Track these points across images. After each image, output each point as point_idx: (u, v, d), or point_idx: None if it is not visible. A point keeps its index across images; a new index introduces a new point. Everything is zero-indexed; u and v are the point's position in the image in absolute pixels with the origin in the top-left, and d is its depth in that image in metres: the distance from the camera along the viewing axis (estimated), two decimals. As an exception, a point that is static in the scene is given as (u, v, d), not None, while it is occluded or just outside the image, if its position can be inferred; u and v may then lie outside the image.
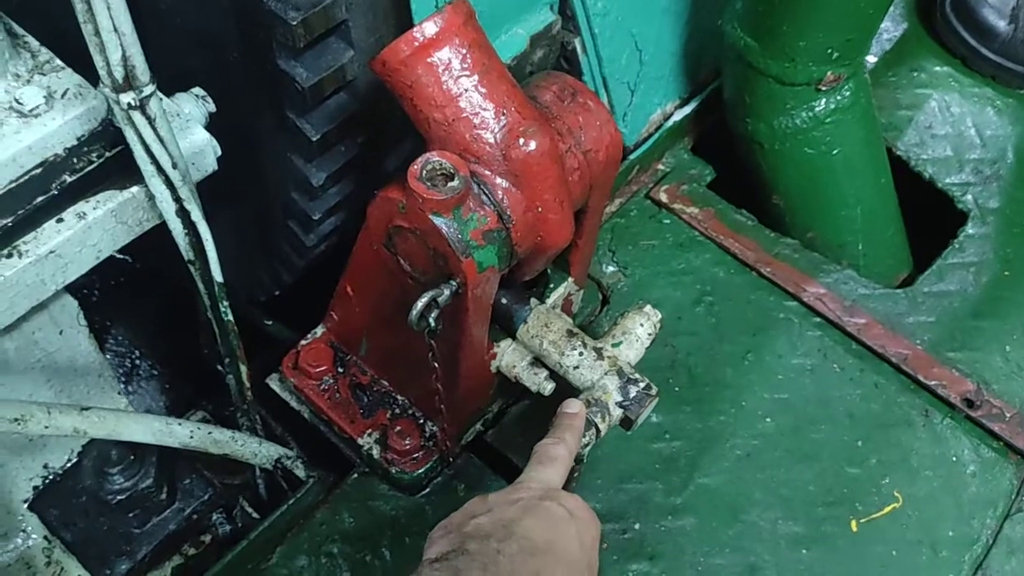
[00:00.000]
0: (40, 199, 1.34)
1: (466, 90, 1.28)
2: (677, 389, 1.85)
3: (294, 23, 1.43)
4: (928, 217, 2.28)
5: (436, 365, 1.47)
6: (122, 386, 2.09)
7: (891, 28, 2.61)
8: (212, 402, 2.20)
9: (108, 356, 2.32)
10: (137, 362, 2.50)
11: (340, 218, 1.87)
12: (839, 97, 1.96)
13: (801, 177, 2.07)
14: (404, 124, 1.52)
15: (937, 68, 2.54)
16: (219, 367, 1.76)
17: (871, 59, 2.51)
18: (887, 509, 1.74)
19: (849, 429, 1.82)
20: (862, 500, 1.74)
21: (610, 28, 1.95)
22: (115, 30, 1.13)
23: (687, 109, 2.25)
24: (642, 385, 1.46)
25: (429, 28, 1.27)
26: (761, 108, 1.99)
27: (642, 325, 1.55)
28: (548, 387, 1.57)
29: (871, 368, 1.90)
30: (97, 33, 1.13)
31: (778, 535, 1.69)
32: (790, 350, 1.93)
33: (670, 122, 2.22)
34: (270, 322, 2.08)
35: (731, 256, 2.06)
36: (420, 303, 1.30)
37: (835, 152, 2.02)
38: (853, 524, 1.72)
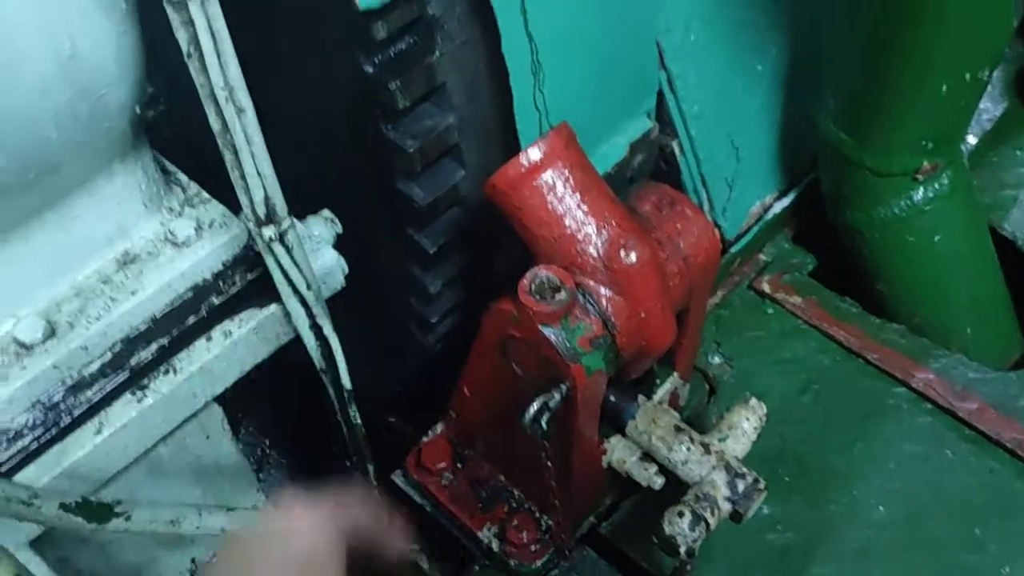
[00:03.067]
0: (192, 320, 1.49)
1: (570, 208, 1.39)
2: (787, 479, 1.88)
3: (411, 151, 1.57)
4: (1039, 296, 2.27)
5: (549, 464, 1.55)
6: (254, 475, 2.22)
7: (991, 108, 2.62)
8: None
9: (240, 446, 2.47)
10: (267, 451, 2.65)
11: (455, 320, 2.00)
12: (937, 185, 1.99)
13: (904, 265, 2.10)
14: (510, 232, 1.63)
15: (1041, 146, 2.54)
16: (347, 463, 1.88)
17: (971, 139, 2.52)
18: (1009, 597, 1.72)
19: (965, 517, 1.81)
20: (983, 589, 1.73)
21: (706, 129, 2.04)
22: (258, 174, 1.28)
23: (786, 200, 2.31)
24: (750, 479, 1.51)
25: (534, 154, 1.38)
26: (859, 199, 2.03)
27: (748, 419, 1.60)
28: (658, 481, 1.63)
29: (985, 454, 1.89)
30: (243, 177, 1.29)
31: (898, 626, 1.69)
32: (901, 437, 1.93)
33: (769, 214, 2.28)
34: (393, 419, 2.20)
35: (836, 343, 2.09)
36: (532, 408, 1.39)
37: (937, 239, 2.04)
38: (975, 614, 1.70)
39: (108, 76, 1.19)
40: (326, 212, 1.63)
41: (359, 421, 1.69)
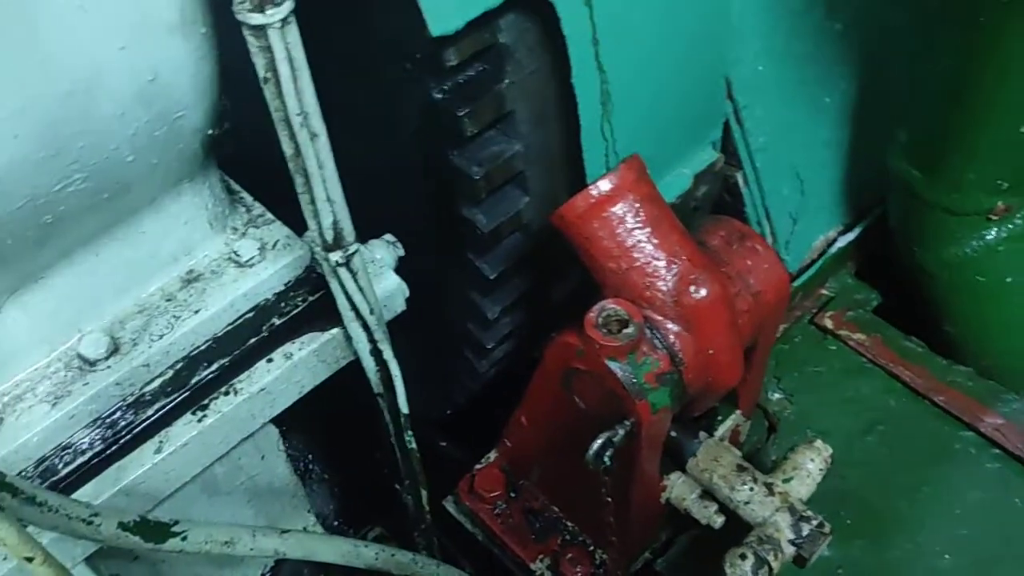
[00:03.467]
0: (253, 341, 1.48)
1: (639, 241, 1.37)
2: (849, 522, 1.83)
3: (477, 177, 1.56)
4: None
5: (609, 499, 1.53)
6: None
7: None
8: (386, 518, 2.30)
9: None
10: (310, 466, 2.65)
11: (511, 346, 1.98)
12: (1011, 225, 1.94)
13: (973, 305, 2.05)
14: (570, 260, 1.61)
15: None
16: (397, 487, 1.86)
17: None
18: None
19: (1034, 568, 1.75)
20: (1051, 643, 1.66)
21: (772, 162, 2.01)
22: (328, 199, 1.28)
23: (851, 235, 2.27)
24: (815, 523, 1.47)
25: (604, 185, 1.37)
26: (929, 237, 1.99)
27: (813, 460, 1.56)
28: (718, 520, 1.59)
29: (1056, 504, 1.83)
30: (313, 202, 1.28)
31: None
32: (968, 483, 1.88)
33: (833, 248, 2.24)
34: (444, 443, 2.19)
35: (902, 384, 2.04)
36: (596, 444, 1.37)
37: (1009, 280, 1.99)
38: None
39: (185, 100, 1.19)
40: (389, 236, 1.62)
41: (414, 446, 1.67)
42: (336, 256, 1.34)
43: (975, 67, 1.70)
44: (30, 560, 1.09)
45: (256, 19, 1.06)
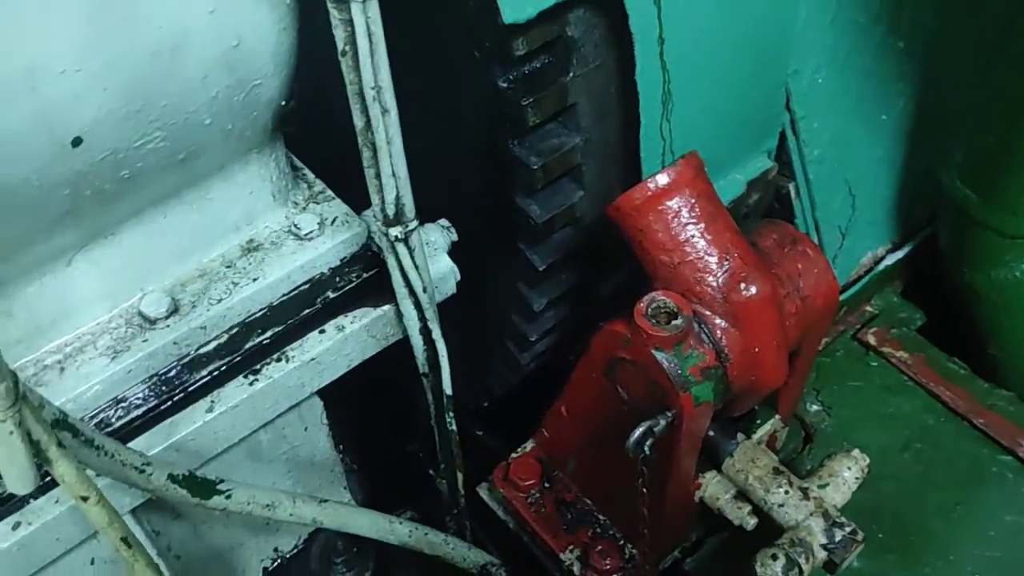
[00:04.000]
0: (307, 312, 1.52)
1: (692, 236, 1.39)
2: (881, 535, 1.83)
3: (535, 167, 1.59)
4: None
5: (644, 491, 1.54)
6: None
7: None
8: (418, 503, 2.32)
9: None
10: (341, 453, 2.67)
11: (553, 339, 2.00)
12: (1063, 251, 1.93)
13: (1021, 329, 2.04)
14: (618, 256, 1.63)
15: None
16: (431, 472, 1.89)
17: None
18: None
19: (1067, 596, 1.74)
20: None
21: (825, 174, 2.02)
22: (393, 175, 1.31)
23: (899, 254, 2.27)
24: (848, 530, 1.47)
25: (662, 179, 1.39)
26: (980, 259, 1.99)
27: (849, 468, 1.57)
28: (751, 522, 1.60)
29: (1092, 533, 1.82)
30: (378, 176, 1.32)
31: None
32: (1004, 506, 1.87)
33: (881, 266, 2.24)
34: (480, 432, 2.21)
35: (942, 404, 2.04)
36: (638, 431, 1.39)
37: (1058, 306, 1.99)
38: None
39: (265, 68, 1.23)
40: (443, 221, 1.66)
41: (454, 427, 1.70)
42: (396, 231, 1.38)
43: (1037, 90, 1.70)
44: (85, 500, 1.13)
45: (341, -8, 1.09)
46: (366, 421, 2.62)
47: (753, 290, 1.38)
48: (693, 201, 1.39)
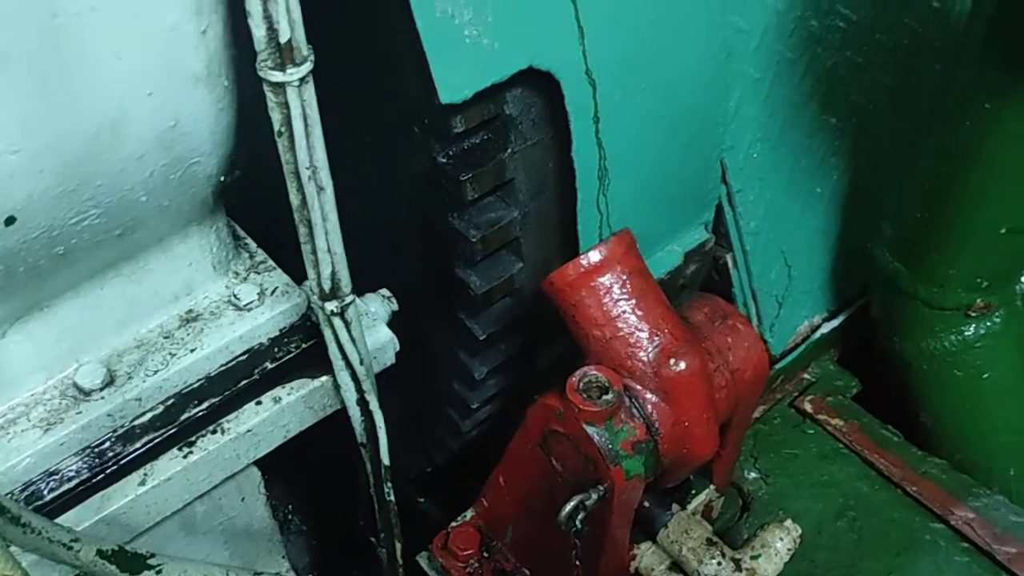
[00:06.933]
0: (244, 383, 1.52)
1: (624, 312, 1.42)
2: (814, 605, 1.85)
3: (474, 240, 1.62)
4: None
5: (577, 563, 1.55)
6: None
7: (1047, 250, 2.62)
8: (367, 569, 2.30)
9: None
10: (290, 516, 2.65)
11: (495, 407, 2.01)
12: (989, 323, 1.99)
13: (949, 399, 2.09)
14: (556, 327, 1.66)
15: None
16: (372, 540, 1.88)
17: (1026, 281, 2.52)
18: None
19: (997, 665, 1.76)
20: None
21: (761, 245, 2.07)
22: (329, 251, 1.33)
23: (834, 322, 2.32)
24: (779, 601, 1.49)
25: (594, 256, 1.42)
26: (909, 329, 2.04)
27: (782, 539, 1.59)
28: (685, 593, 1.62)
29: (1022, 602, 1.85)
30: (314, 252, 1.33)
31: None
32: (936, 574, 1.90)
33: (817, 334, 2.29)
34: (422, 499, 2.21)
35: (876, 471, 2.07)
36: (569, 505, 1.40)
37: (985, 376, 2.04)
38: None
39: (202, 147, 1.25)
40: (384, 291, 1.67)
41: (392, 498, 1.70)
42: (332, 305, 1.39)
43: (958, 168, 1.77)
44: (9, 579, 1.11)
45: (276, 77, 1.12)
46: (311, 487, 2.61)
47: (683, 365, 1.41)
48: (624, 277, 1.43)
